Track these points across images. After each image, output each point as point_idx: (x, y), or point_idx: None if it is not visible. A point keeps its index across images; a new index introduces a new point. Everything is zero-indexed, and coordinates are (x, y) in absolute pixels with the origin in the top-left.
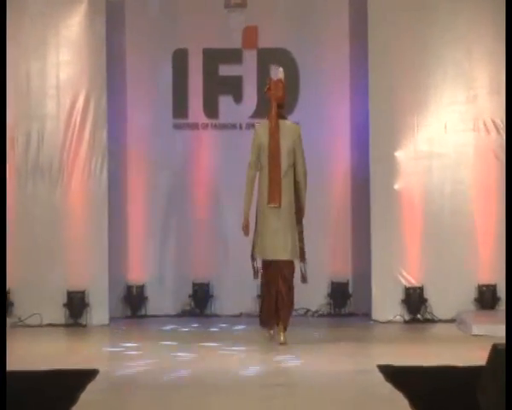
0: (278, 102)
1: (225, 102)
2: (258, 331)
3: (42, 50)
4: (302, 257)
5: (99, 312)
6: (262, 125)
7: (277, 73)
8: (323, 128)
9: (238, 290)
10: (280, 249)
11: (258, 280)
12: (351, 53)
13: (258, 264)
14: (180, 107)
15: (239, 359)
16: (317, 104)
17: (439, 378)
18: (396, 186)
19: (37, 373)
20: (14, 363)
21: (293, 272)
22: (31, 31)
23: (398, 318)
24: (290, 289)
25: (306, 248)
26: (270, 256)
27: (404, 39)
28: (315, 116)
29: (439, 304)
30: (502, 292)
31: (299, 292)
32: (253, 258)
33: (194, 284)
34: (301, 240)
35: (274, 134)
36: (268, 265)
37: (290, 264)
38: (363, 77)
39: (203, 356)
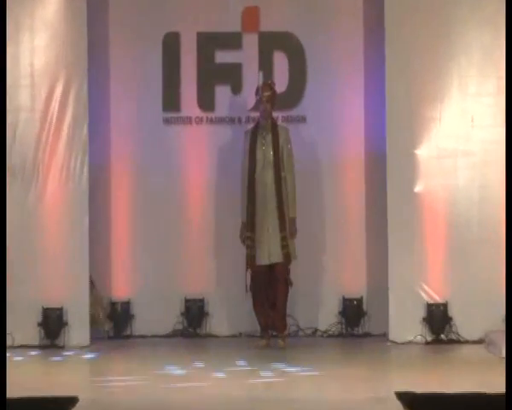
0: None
1: (222, 92)
2: (260, 353)
3: (14, 34)
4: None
5: (78, 331)
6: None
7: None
8: (334, 123)
9: (237, 308)
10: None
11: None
12: (365, 38)
13: None
14: (171, 99)
15: (241, 385)
16: (327, 96)
17: (465, 407)
18: (416, 189)
19: (9, 401)
20: None
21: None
22: None
23: (418, 338)
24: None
25: (313, 260)
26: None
27: (425, 23)
28: (324, 109)
29: (465, 323)
30: None
31: (307, 310)
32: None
33: (187, 301)
34: None
35: None
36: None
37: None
38: (380, 65)
39: (197, 381)
